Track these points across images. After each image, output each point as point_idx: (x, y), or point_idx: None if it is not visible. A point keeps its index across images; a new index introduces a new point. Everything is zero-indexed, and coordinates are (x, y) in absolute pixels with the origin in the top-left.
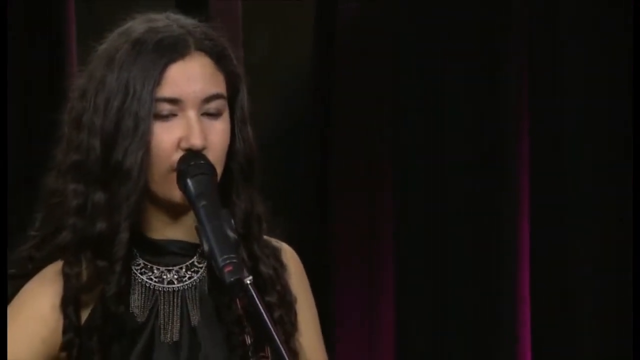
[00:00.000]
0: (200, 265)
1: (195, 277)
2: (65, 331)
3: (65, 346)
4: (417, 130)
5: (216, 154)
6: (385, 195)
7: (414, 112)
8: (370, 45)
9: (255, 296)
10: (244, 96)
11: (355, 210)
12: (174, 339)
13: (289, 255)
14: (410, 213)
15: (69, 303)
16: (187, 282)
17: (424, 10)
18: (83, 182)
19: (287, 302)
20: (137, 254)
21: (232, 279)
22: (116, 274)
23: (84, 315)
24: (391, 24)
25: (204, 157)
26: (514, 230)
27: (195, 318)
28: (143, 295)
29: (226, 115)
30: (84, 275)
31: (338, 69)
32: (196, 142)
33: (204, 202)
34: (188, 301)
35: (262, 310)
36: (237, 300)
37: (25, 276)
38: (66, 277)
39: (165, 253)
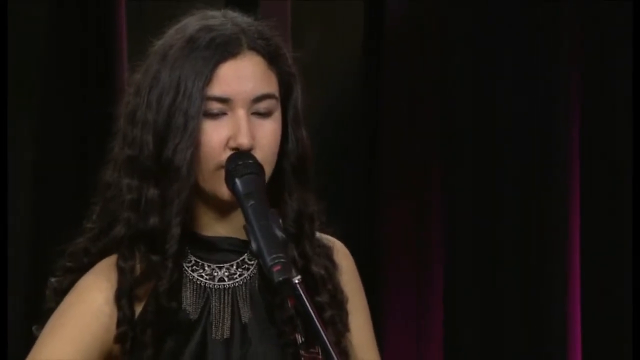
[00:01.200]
0: (251, 263)
1: (246, 274)
2: (119, 324)
3: (119, 339)
4: (467, 130)
5: (265, 154)
6: (435, 196)
7: (464, 110)
8: (420, 43)
9: (303, 296)
10: (298, 96)
11: (405, 212)
12: (225, 336)
13: (342, 253)
14: (460, 214)
15: (123, 296)
16: (237, 280)
17: (473, 7)
18: (137, 177)
19: (338, 302)
20: (189, 251)
21: (280, 279)
22: (168, 269)
23: (137, 308)
24: (440, 22)
25: (252, 157)
26: (565, 230)
27: (246, 315)
28: (195, 293)
29: (277, 114)
30: (138, 269)
31: (387, 68)
32: (244, 141)
33: (251, 202)
34: (239, 298)
35: (311, 310)
36: (288, 299)
37: (81, 269)
38: (120, 270)
39: (216, 250)
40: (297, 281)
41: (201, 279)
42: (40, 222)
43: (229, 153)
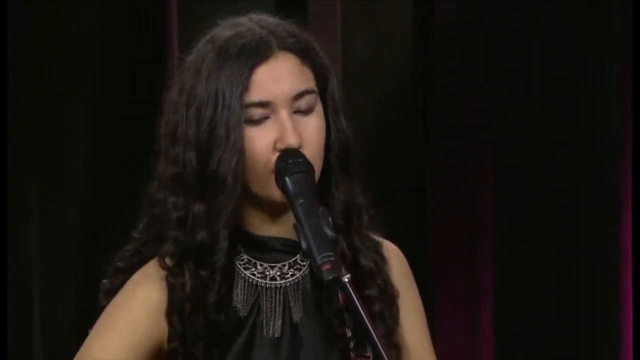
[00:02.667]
0: (303, 263)
1: (298, 274)
2: (170, 339)
3: (170, 354)
4: (517, 127)
5: (313, 150)
6: (485, 194)
7: (514, 109)
8: (468, 43)
9: (353, 294)
10: (334, 87)
11: (455, 210)
12: (276, 335)
13: (392, 252)
14: (510, 211)
15: (174, 311)
16: (289, 279)
17: (522, 8)
18: (182, 194)
19: (388, 296)
20: (242, 250)
21: (329, 277)
22: (217, 282)
23: (188, 323)
24: (489, 21)
25: (302, 155)
26: (616, 231)
27: (297, 315)
28: (246, 290)
29: (319, 109)
30: (188, 286)
31: (436, 68)
32: (291, 141)
33: (301, 201)
34: (290, 298)
35: (360, 309)
36: (340, 295)
37: (132, 269)
38: (170, 286)
39: (269, 250)
40: (346, 280)
41: (253, 277)
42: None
43: (277, 155)
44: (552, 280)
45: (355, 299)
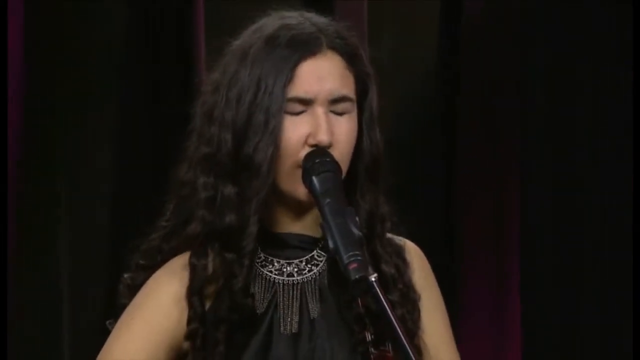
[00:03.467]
0: (320, 259)
1: (315, 270)
2: (190, 321)
3: (189, 335)
4: (544, 127)
5: (342, 152)
6: (512, 194)
7: (540, 109)
8: (496, 43)
9: (380, 293)
10: (373, 96)
11: (482, 210)
12: (293, 331)
13: (414, 253)
14: (538, 211)
15: (195, 293)
16: (306, 275)
17: (549, 8)
18: (213, 174)
19: (410, 301)
20: (258, 247)
21: (357, 276)
22: (244, 267)
23: (207, 305)
24: (517, 20)
25: (330, 155)
26: None
27: (314, 311)
28: (263, 287)
29: (354, 114)
30: (210, 267)
31: (463, 68)
32: (323, 138)
33: (328, 200)
34: (307, 294)
35: (387, 308)
36: (358, 297)
37: (154, 266)
38: (193, 267)
39: (286, 246)
40: (373, 279)
41: (270, 274)
42: (119, 218)
43: (307, 150)
44: (581, 277)
45: (382, 298)
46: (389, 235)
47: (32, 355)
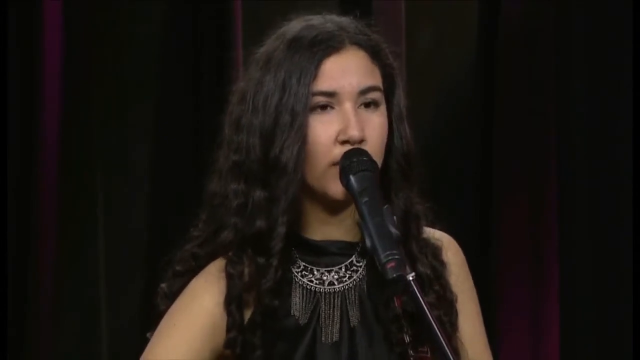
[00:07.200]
0: (360, 265)
1: (355, 276)
2: (228, 329)
3: (229, 344)
4: (582, 128)
5: (375, 147)
6: (550, 195)
7: (579, 109)
8: (534, 43)
9: (417, 292)
10: (400, 92)
11: (520, 208)
12: (334, 339)
13: (450, 249)
14: (576, 212)
15: (233, 301)
16: (347, 282)
17: (588, 8)
18: (244, 181)
19: (447, 301)
20: (297, 257)
21: (394, 275)
22: (273, 267)
23: (247, 313)
24: (555, 20)
25: (367, 154)
26: None
27: (354, 318)
28: (304, 298)
29: (383, 108)
30: (246, 275)
31: (501, 67)
32: (354, 133)
33: (366, 199)
34: (347, 301)
35: (425, 307)
36: (395, 298)
37: (190, 272)
38: (229, 276)
39: (325, 254)
40: (411, 278)
41: (310, 283)
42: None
43: (339, 148)
44: (619, 277)
45: (420, 297)
46: (426, 229)
47: (71, 356)
